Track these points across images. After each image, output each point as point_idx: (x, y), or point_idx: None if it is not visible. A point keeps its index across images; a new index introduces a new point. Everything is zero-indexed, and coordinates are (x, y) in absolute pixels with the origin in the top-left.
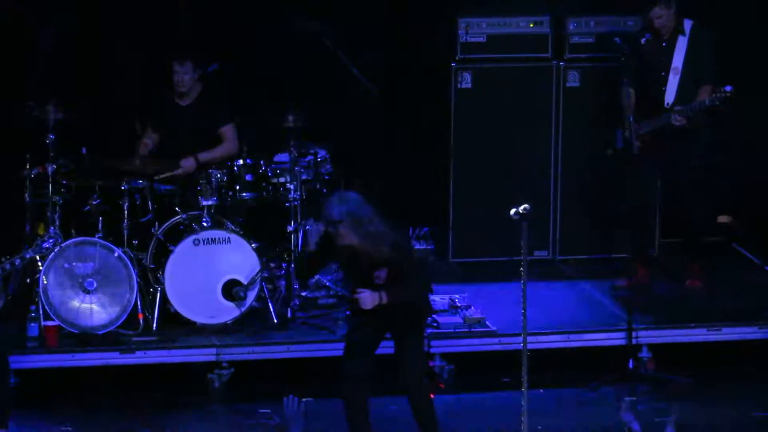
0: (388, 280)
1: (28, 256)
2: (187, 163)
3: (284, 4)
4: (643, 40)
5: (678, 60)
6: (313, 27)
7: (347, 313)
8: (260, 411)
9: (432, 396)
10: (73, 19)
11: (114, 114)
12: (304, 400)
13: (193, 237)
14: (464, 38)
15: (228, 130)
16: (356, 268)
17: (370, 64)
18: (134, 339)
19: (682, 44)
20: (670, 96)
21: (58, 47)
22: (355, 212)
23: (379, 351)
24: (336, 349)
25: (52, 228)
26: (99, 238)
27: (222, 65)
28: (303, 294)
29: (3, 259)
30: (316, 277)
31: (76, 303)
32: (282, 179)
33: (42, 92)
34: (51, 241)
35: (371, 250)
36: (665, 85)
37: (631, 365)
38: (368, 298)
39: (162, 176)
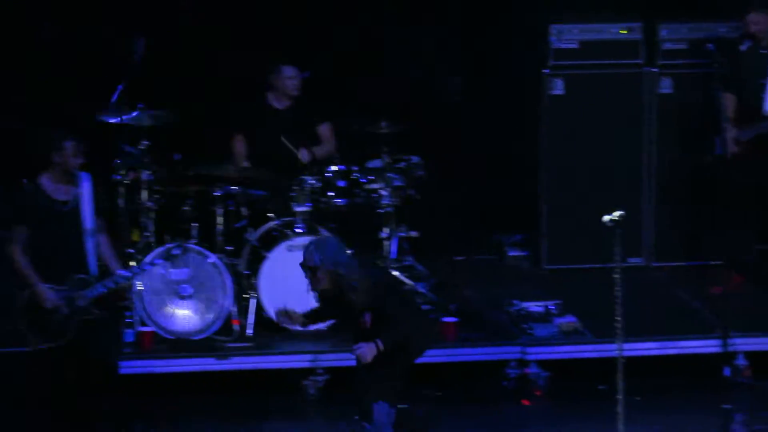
0: (374, 323)
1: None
2: (305, 155)
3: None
4: (743, 47)
5: None
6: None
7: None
8: (355, 418)
9: (526, 403)
10: (165, 27)
11: (208, 119)
12: (395, 407)
13: (287, 243)
14: (556, 45)
15: (326, 130)
16: (342, 313)
17: (461, 68)
18: (229, 345)
19: None
20: None
21: (152, 54)
22: (333, 258)
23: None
24: (430, 355)
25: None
26: (193, 244)
27: (312, 73)
28: None
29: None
30: (411, 283)
31: (171, 309)
32: (375, 185)
33: (136, 99)
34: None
35: (350, 295)
36: (764, 92)
37: (727, 373)
38: (366, 353)
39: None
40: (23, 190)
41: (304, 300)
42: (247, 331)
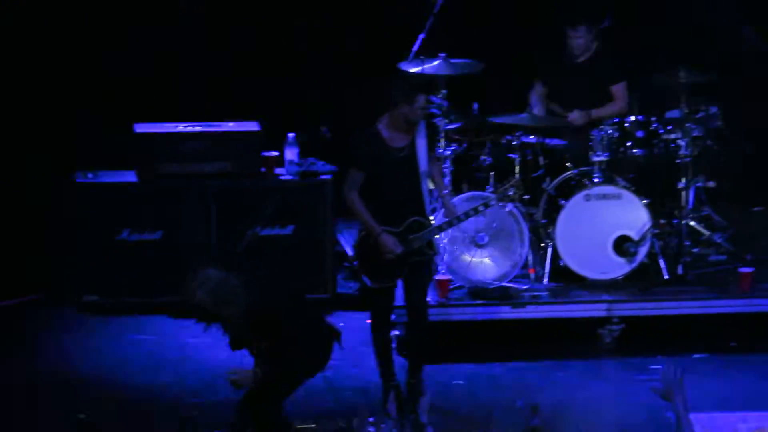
0: (268, 352)
1: (446, 228)
2: (575, 116)
3: None
4: None
5: None
6: None
7: None
8: (651, 367)
9: None
10: None
11: (505, 68)
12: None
13: (585, 192)
14: None
15: (619, 89)
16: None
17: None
18: (525, 294)
19: None
20: None
21: (450, 3)
22: (215, 291)
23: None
24: (724, 306)
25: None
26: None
27: (612, 21)
28: (694, 251)
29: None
30: (707, 233)
31: (467, 257)
32: (673, 135)
33: (435, 47)
34: (512, 189)
35: (239, 326)
36: None
37: None
38: (244, 381)
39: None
40: (361, 136)
41: (600, 248)
42: (544, 280)
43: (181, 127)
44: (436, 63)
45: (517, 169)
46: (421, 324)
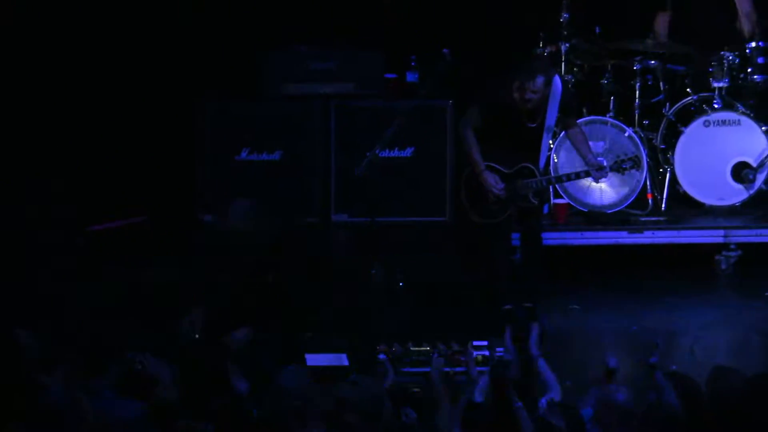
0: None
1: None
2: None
3: None
4: None
5: None
6: None
7: None
8: (767, 294)
9: None
10: None
11: None
12: None
13: (704, 118)
14: None
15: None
16: None
17: None
18: (643, 219)
19: None
20: None
21: None
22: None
23: None
24: None
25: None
26: (610, 117)
27: None
28: None
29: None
30: None
31: (586, 182)
32: None
33: None
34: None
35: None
36: None
37: None
38: None
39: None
40: (493, 82)
41: (719, 174)
42: (662, 205)
43: (306, 48)
44: None
45: (637, 94)
46: (536, 252)
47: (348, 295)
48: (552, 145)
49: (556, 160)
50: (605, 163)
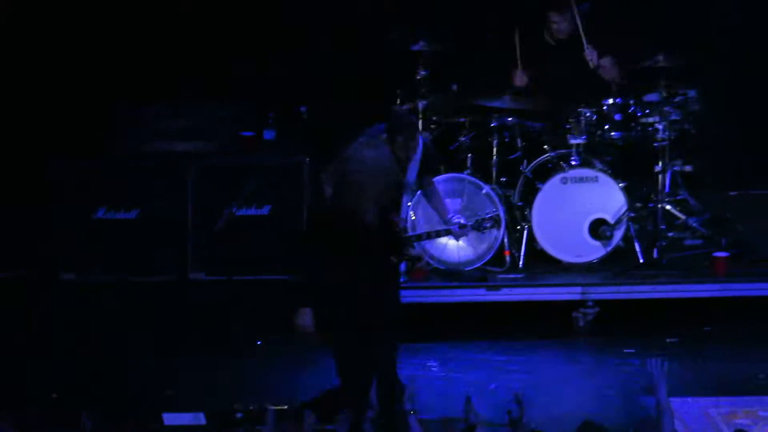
0: None
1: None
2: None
3: None
4: None
5: None
6: None
7: None
8: (626, 351)
9: None
10: None
11: (484, 48)
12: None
13: (561, 175)
14: None
15: (606, 62)
16: None
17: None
18: (500, 276)
19: None
20: None
21: None
22: None
23: None
24: (699, 290)
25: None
26: (468, 174)
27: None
28: (669, 235)
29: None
30: (683, 217)
31: (444, 239)
32: (651, 119)
33: (410, 25)
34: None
35: None
36: None
37: None
38: None
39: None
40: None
41: (576, 231)
42: (519, 262)
43: (158, 106)
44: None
45: (494, 151)
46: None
47: None
48: (409, 204)
49: (413, 218)
50: (464, 221)
